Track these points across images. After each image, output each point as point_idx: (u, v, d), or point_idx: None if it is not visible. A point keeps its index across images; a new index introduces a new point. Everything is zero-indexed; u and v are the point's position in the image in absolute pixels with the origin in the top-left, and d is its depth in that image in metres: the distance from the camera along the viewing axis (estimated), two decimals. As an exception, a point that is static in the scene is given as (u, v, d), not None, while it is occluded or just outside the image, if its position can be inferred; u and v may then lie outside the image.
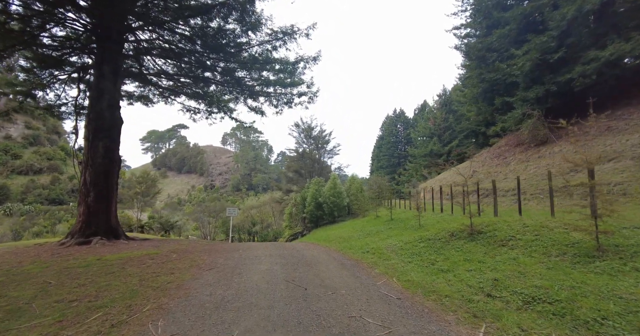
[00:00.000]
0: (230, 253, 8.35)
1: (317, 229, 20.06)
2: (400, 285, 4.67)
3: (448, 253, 6.14)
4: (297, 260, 6.86)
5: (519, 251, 5.26)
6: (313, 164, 30.55)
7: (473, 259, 5.40)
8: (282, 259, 6.92)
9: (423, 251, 6.63)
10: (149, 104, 19.18)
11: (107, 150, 12.67)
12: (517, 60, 17.77)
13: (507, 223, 6.56)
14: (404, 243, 7.53)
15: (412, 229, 9.46)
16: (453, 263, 5.45)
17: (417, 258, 6.24)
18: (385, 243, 8.05)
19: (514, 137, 22.15)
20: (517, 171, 17.26)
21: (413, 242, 7.43)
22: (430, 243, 7.04)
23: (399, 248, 7.30)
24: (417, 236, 7.81)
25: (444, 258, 5.85)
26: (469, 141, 41.50)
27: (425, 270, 5.34)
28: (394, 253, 6.90)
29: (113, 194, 12.95)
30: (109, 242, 11.89)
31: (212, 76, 16.09)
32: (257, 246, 10.08)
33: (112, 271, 6.02)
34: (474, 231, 6.60)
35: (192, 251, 9.03)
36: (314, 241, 12.97)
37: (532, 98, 18.47)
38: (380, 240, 8.90)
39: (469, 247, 6.12)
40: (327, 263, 6.43)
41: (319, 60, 14.46)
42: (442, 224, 8.80)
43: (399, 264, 5.92)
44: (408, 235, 8.52)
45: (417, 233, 8.36)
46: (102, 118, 12.61)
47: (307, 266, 6.12)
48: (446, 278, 4.80)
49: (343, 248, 8.61)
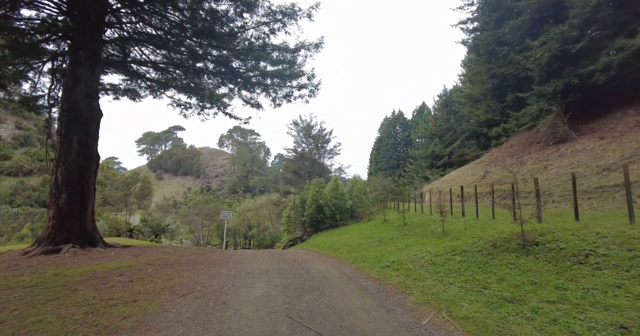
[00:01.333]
0: (218, 266, 6.88)
1: (318, 234, 18.58)
2: (459, 327, 3.23)
3: (499, 271, 4.73)
4: (301, 280, 5.41)
5: (614, 273, 3.81)
6: (312, 164, 29.12)
7: (543, 282, 4.00)
8: (282, 279, 5.46)
9: (463, 267, 5.21)
10: (136, 99, 17.71)
11: (83, 145, 11.18)
12: (535, 51, 16.48)
13: (569, 231, 5.17)
14: (433, 256, 6.11)
15: (435, 237, 8.05)
16: (516, 288, 4.03)
17: (459, 277, 4.82)
18: (407, 255, 6.63)
19: (527, 135, 20.87)
20: (535, 171, 15.91)
21: (444, 254, 6.01)
22: (467, 256, 5.63)
23: (428, 262, 5.87)
24: (447, 247, 6.40)
25: (498, 279, 4.44)
26: (470, 142, 40.64)
27: (481, 299, 3.92)
28: (425, 270, 5.48)
29: (89, 196, 11.44)
30: (82, 250, 10.38)
31: (204, 67, 14.66)
32: (251, 257, 8.60)
33: (58, 296, 4.55)
34: (526, 242, 5.21)
35: (173, 264, 7.55)
36: (316, 249, 11.50)
37: (550, 93, 17.20)
38: (399, 250, 7.48)
39: (526, 263, 4.72)
40: (341, 285, 4.98)
41: (321, 47, 13.08)
42: (473, 231, 7.39)
43: (439, 288, 4.50)
44: (433, 245, 7.10)
45: (445, 242, 6.95)
46: (77, 109, 11.13)
47: (316, 290, 4.66)
48: (521, 314, 3.37)
49: (355, 260, 7.17)
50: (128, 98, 17.67)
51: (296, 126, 29.62)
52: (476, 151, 38.27)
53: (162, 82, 16.25)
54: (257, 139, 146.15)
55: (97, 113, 11.84)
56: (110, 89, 16.89)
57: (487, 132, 37.22)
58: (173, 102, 17.33)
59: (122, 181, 26.36)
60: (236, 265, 6.91)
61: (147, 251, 11.18)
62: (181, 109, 17.63)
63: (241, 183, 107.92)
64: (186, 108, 17.64)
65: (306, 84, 15.23)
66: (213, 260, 8.19)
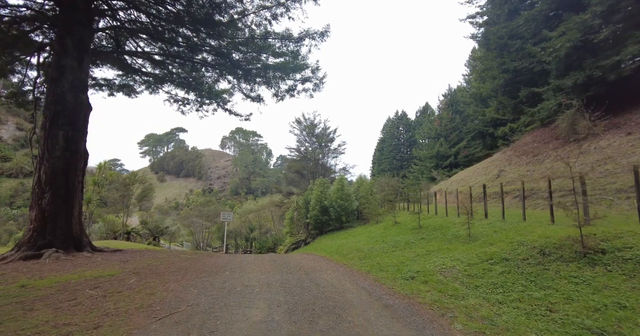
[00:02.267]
0: (212, 276, 5.93)
1: (323, 237, 17.59)
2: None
3: (560, 286, 3.74)
4: (310, 297, 4.42)
5: None
6: (316, 164, 28.11)
7: (636, 306, 3.00)
8: (286, 295, 4.48)
9: (508, 280, 4.23)
10: (131, 95, 16.89)
11: (69, 141, 10.29)
12: (554, 42, 15.47)
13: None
14: (466, 265, 5.13)
15: (460, 242, 7.04)
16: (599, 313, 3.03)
17: (509, 294, 3.84)
18: (433, 263, 5.65)
19: (542, 132, 19.83)
20: (556, 170, 14.85)
21: (479, 263, 5.04)
22: (510, 266, 4.65)
23: (461, 273, 4.89)
24: (480, 254, 5.41)
25: (564, 298, 3.46)
26: (476, 142, 39.93)
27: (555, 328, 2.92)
28: (461, 283, 4.50)
29: (76, 196, 10.54)
30: (66, 255, 9.46)
31: (202, 59, 13.77)
32: (251, 264, 7.64)
33: (2, 321, 3.59)
34: (587, 249, 4.22)
35: (161, 272, 6.61)
36: (322, 254, 10.52)
37: (569, 86, 16.18)
38: (420, 257, 6.48)
39: (596, 277, 3.71)
40: (361, 305, 3.98)
41: (327, 36, 12.14)
42: (505, 235, 6.37)
43: (487, 309, 3.52)
44: (460, 251, 6.11)
45: (475, 248, 5.95)
46: (62, 102, 10.24)
47: (331, 313, 3.65)
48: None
49: (370, 269, 6.18)
50: (123, 94, 16.86)
51: (299, 124, 28.69)
52: (482, 151, 37.49)
53: (159, 76, 15.39)
54: (259, 141, 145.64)
55: (85, 106, 10.95)
56: (105, 84, 16.08)
57: (493, 132, 36.45)
58: (170, 98, 16.48)
59: (120, 181, 25.60)
60: (233, 275, 5.95)
61: (137, 256, 10.27)
62: (179, 105, 16.78)
63: (243, 184, 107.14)
64: (184, 104, 16.78)
65: (310, 77, 14.33)
66: (207, 268, 7.24)
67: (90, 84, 15.90)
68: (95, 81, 15.66)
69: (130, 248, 13.32)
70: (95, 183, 24.99)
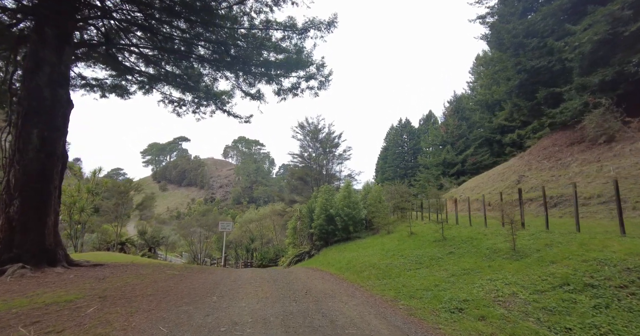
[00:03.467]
0: (193, 303, 4.61)
1: (329, 249, 16.15)
2: None
3: None
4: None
5: None
6: (320, 170, 26.81)
7: None
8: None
9: (617, 321, 2.90)
10: (124, 96, 15.88)
11: (45, 141, 9.13)
12: (580, 36, 14.32)
13: None
14: (532, 292, 3.79)
15: (504, 258, 5.66)
16: None
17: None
18: (481, 288, 4.30)
19: (563, 135, 18.49)
20: (586, 174, 13.48)
21: (550, 290, 3.71)
22: (604, 295, 3.33)
23: (530, 304, 3.54)
24: (545, 276, 4.07)
25: None
26: (483, 149, 38.98)
27: None
28: (539, 324, 3.16)
29: (51, 203, 9.31)
30: (34, 272, 8.17)
31: (198, 56, 12.72)
32: (247, 283, 6.30)
33: None
34: None
35: (134, 296, 5.31)
36: (331, 270, 9.13)
37: (596, 84, 14.96)
38: (457, 278, 5.11)
39: None
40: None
41: (334, 27, 11.05)
42: (567, 249, 4.98)
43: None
44: (512, 270, 4.75)
45: (533, 268, 4.58)
46: (38, 97, 9.13)
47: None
48: None
49: (397, 295, 4.81)
50: (116, 95, 15.86)
51: (302, 129, 27.52)
52: (490, 158, 36.47)
53: (154, 76, 14.37)
54: (261, 150, 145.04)
55: (65, 103, 9.82)
56: (97, 85, 15.09)
57: (500, 139, 35.43)
58: (165, 99, 15.42)
59: (115, 189, 24.39)
60: (221, 302, 4.62)
61: (118, 273, 8.94)
62: (174, 107, 15.71)
63: (245, 193, 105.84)
64: (180, 105, 15.71)
65: (315, 74, 13.22)
66: (193, 290, 5.91)
67: (81, 84, 14.95)
68: (85, 80, 14.69)
69: (115, 261, 11.98)
70: (89, 191, 23.80)
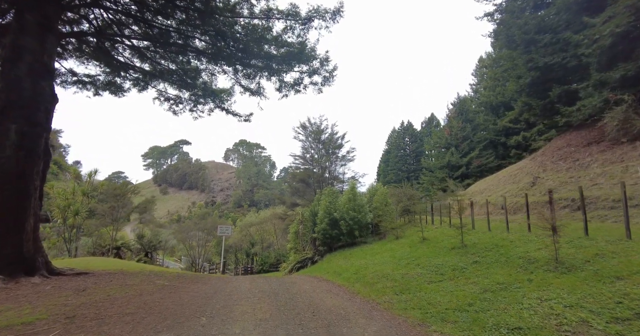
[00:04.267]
0: (175, 327, 3.77)
1: (333, 255, 15.22)
2: None
3: None
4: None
5: None
6: (323, 172, 25.94)
7: None
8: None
9: None
10: (118, 93, 15.16)
11: (25, 137, 8.34)
12: (599, 29, 13.51)
13: None
14: (609, 321, 2.95)
15: (545, 270, 4.78)
16: None
17: None
18: (532, 310, 3.44)
19: (578, 135, 17.61)
20: (609, 175, 12.58)
21: (635, 318, 2.85)
22: None
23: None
24: (618, 296, 3.22)
25: None
26: (487, 152, 38.26)
27: None
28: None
29: (30, 206, 8.48)
30: (7, 282, 7.31)
31: (195, 49, 11.97)
32: (243, 301, 5.43)
33: None
34: None
35: (108, 316, 4.46)
36: (337, 280, 8.24)
37: (616, 80, 14.11)
38: (494, 295, 4.23)
39: None
40: None
41: (340, 16, 10.29)
42: (628, 260, 4.11)
43: None
44: (564, 287, 3.88)
45: (594, 284, 3.70)
46: (17, 89, 8.37)
47: None
48: None
49: (425, 317, 3.90)
50: (110, 93, 15.14)
51: (304, 129, 26.68)
52: (495, 160, 35.73)
53: (149, 72, 13.62)
54: (262, 153, 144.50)
55: (49, 97, 9.05)
56: (89, 82, 14.36)
57: (505, 142, 34.76)
58: (160, 96, 14.67)
59: (111, 192, 23.56)
60: (209, 328, 3.74)
61: (101, 283, 8.08)
62: (170, 104, 14.95)
63: (246, 197, 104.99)
64: (176, 103, 14.96)
65: (318, 68, 12.43)
66: (180, 307, 5.04)
67: (72, 81, 14.23)
68: (77, 76, 13.97)
69: (104, 269, 11.08)
70: (85, 193, 22.99)
